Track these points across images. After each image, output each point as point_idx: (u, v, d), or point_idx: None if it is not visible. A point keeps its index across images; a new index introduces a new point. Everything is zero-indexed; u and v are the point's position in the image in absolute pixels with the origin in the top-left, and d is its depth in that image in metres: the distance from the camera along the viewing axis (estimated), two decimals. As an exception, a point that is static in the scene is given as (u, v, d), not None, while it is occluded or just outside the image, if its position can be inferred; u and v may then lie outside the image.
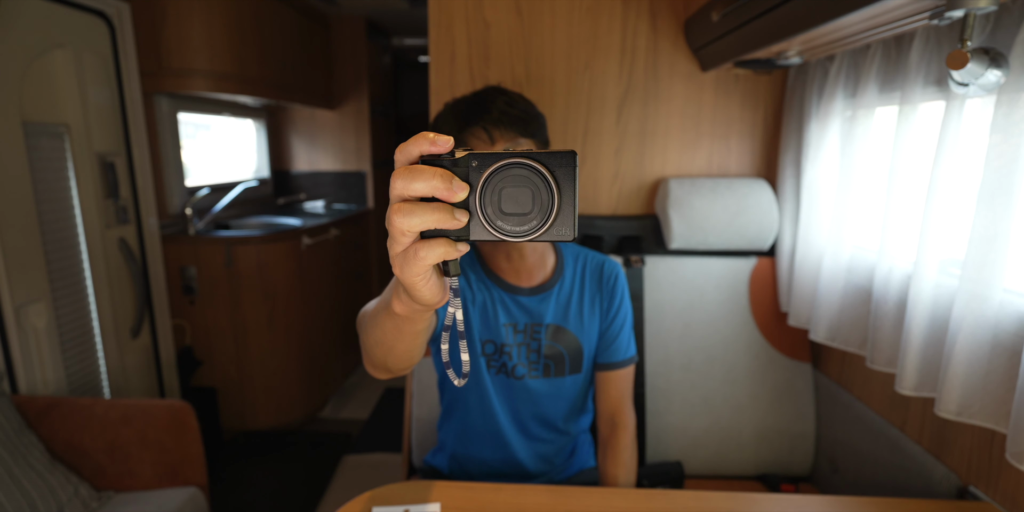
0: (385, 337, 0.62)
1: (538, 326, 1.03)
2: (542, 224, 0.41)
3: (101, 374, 1.85)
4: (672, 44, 1.46)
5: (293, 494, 2.07)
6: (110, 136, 1.87)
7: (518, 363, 1.03)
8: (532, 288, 1.04)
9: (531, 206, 0.41)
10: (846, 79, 1.16)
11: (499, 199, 0.42)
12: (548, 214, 0.41)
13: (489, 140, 0.93)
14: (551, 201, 0.41)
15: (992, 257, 0.79)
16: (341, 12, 3.25)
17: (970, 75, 0.74)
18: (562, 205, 0.41)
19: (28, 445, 1.27)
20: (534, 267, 1.04)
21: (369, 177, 3.48)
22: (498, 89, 1.00)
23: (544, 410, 1.06)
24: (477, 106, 0.95)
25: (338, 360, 2.98)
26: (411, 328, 0.58)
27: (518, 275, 1.04)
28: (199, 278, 2.29)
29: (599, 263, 1.09)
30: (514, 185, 0.41)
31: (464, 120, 0.94)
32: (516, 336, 1.03)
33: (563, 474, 1.13)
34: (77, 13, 1.74)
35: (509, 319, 1.03)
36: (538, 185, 0.41)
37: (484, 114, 0.93)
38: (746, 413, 1.39)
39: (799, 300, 1.30)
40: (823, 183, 1.25)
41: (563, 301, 1.05)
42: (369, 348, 0.69)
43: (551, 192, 0.41)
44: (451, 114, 0.97)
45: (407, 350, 0.64)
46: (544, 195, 0.41)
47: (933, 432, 1.03)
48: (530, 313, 1.04)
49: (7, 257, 1.47)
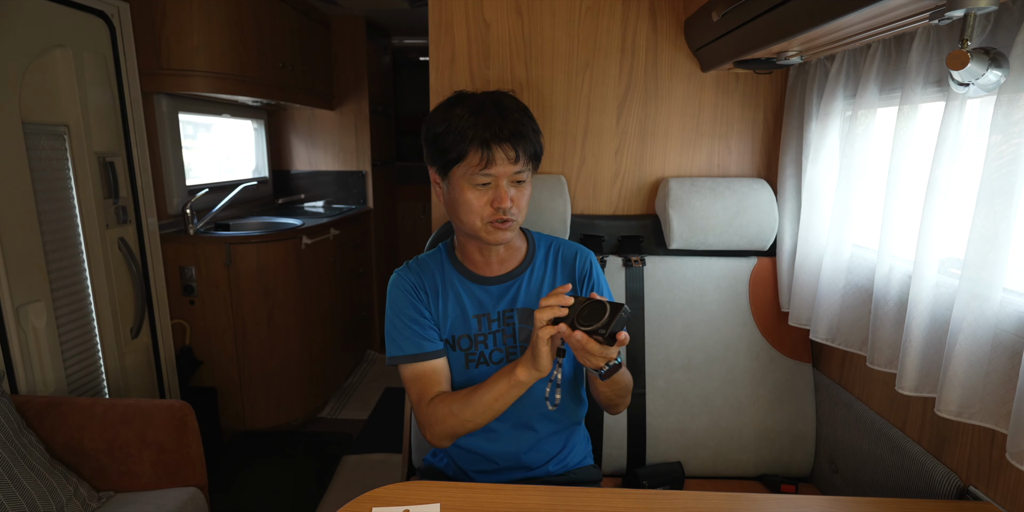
0: (497, 402, 0.92)
1: (510, 311, 1.05)
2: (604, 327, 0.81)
3: (101, 374, 1.85)
4: (672, 44, 1.46)
5: (293, 494, 2.07)
6: (110, 136, 1.87)
7: (494, 349, 1.05)
8: (501, 276, 1.07)
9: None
10: (846, 79, 1.16)
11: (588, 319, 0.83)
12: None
13: (513, 159, 0.94)
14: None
15: (992, 257, 0.79)
16: (341, 12, 3.24)
17: (970, 75, 0.73)
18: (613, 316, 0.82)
19: (28, 445, 1.27)
20: (505, 257, 1.07)
21: (369, 177, 3.48)
22: (517, 101, 0.99)
23: (530, 395, 1.06)
24: (505, 120, 0.93)
25: (338, 360, 2.97)
26: (519, 392, 0.92)
27: (489, 266, 1.07)
28: (199, 278, 2.29)
29: (572, 250, 1.11)
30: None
31: (495, 133, 0.92)
32: (490, 324, 1.05)
33: (561, 466, 1.12)
34: (77, 13, 1.74)
35: (478, 310, 1.06)
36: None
37: (516, 131, 0.93)
38: (746, 413, 1.39)
39: (799, 300, 1.30)
40: (823, 183, 1.25)
41: (535, 286, 1.07)
42: (471, 420, 0.94)
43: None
44: (472, 118, 0.94)
45: (501, 410, 0.94)
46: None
47: (933, 432, 1.03)
48: (500, 299, 1.06)
49: (7, 257, 1.46)
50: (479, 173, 0.94)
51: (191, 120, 2.71)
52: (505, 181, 0.95)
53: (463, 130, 0.93)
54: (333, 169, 3.49)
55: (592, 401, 1.20)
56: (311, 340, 2.64)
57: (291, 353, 2.50)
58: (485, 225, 0.97)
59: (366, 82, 3.36)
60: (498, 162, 0.93)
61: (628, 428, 1.38)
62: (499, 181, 0.95)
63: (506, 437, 1.08)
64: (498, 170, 0.94)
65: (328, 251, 2.83)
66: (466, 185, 0.95)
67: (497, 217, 0.96)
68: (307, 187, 3.51)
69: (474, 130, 0.92)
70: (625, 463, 1.39)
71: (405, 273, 1.07)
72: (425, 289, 1.06)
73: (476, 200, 0.95)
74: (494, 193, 0.95)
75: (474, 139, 0.92)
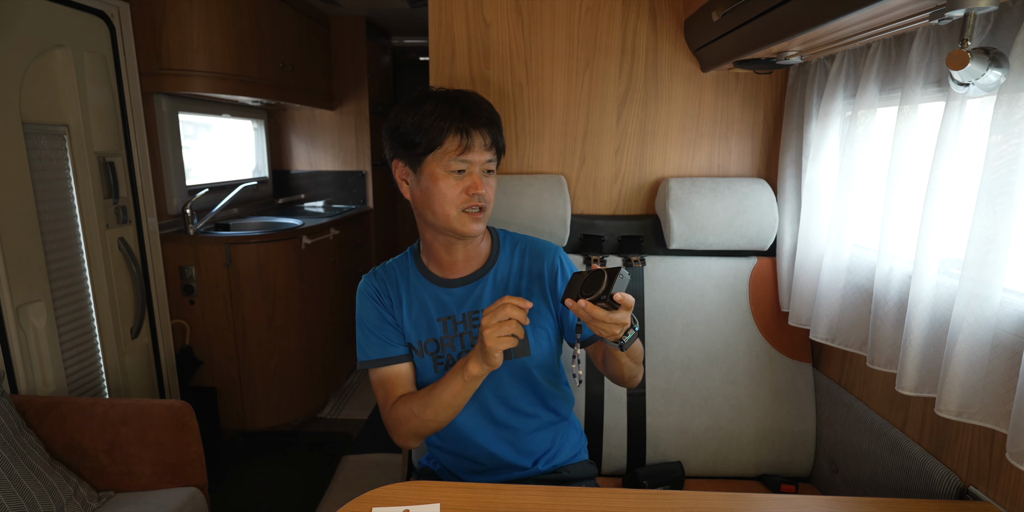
0: (455, 399, 0.93)
1: (475, 313, 1.05)
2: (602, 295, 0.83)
3: (101, 374, 1.85)
4: (672, 44, 1.46)
5: (293, 494, 2.07)
6: (110, 136, 1.87)
7: (461, 351, 1.05)
8: (464, 277, 1.07)
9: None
10: (846, 79, 1.16)
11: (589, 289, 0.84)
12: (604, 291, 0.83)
13: (487, 144, 0.98)
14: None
15: (992, 257, 0.79)
16: (341, 12, 3.25)
17: (970, 75, 0.73)
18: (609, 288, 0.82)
19: (28, 445, 1.27)
20: (470, 257, 1.07)
21: (369, 177, 3.48)
22: (481, 96, 1.03)
23: (503, 393, 1.07)
24: (478, 108, 0.98)
25: (338, 360, 2.97)
26: (475, 386, 0.93)
27: (454, 267, 1.07)
28: (199, 278, 2.29)
29: (540, 248, 1.10)
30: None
31: (471, 119, 0.96)
32: (456, 327, 1.05)
33: (550, 465, 1.12)
34: (77, 13, 1.74)
35: (443, 312, 1.06)
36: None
37: (489, 118, 0.98)
38: (746, 413, 1.39)
39: (799, 300, 1.30)
40: (823, 183, 1.25)
41: (500, 285, 1.07)
42: (432, 419, 0.95)
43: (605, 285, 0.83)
44: (446, 107, 0.96)
45: (460, 406, 0.95)
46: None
47: (933, 432, 1.03)
48: (464, 302, 1.06)
49: (7, 257, 1.47)
50: (456, 159, 0.95)
51: (191, 120, 2.70)
52: (478, 169, 0.97)
53: (439, 118, 0.95)
54: (333, 169, 3.49)
55: (591, 401, 1.20)
56: (311, 340, 2.64)
57: (291, 353, 2.50)
58: (459, 215, 0.97)
59: (366, 82, 3.36)
60: (476, 148, 0.95)
61: (628, 428, 1.38)
62: (474, 168, 0.97)
63: (478, 437, 1.07)
64: (474, 156, 0.96)
65: (328, 251, 2.83)
66: (441, 173, 0.96)
67: (472, 204, 0.97)
68: (307, 187, 3.51)
69: (450, 118, 0.95)
70: (625, 463, 1.39)
71: (371, 279, 1.09)
72: (389, 295, 1.07)
73: (450, 189, 0.96)
74: (469, 180, 0.97)
75: (451, 125, 0.95)
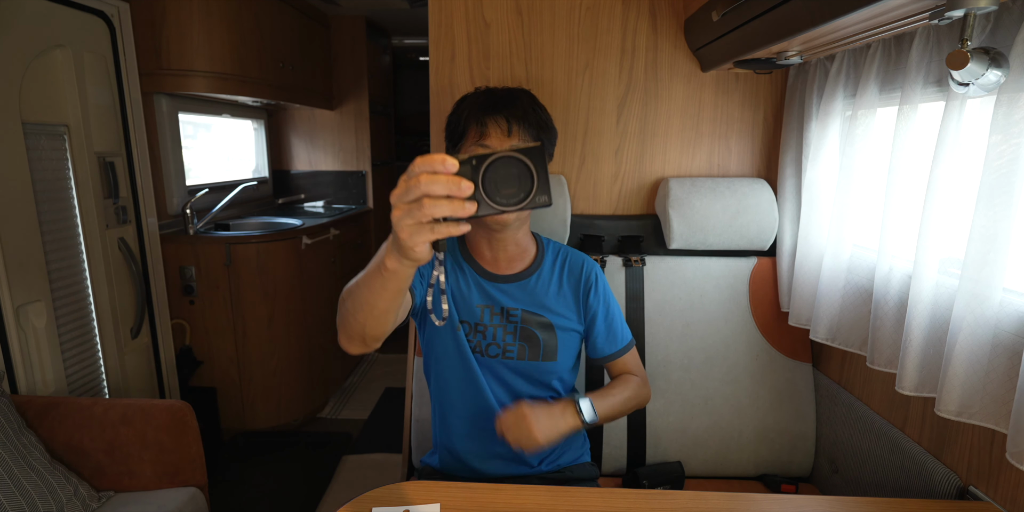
0: (371, 296, 0.72)
1: (514, 310, 1.07)
2: (526, 197, 0.58)
3: (101, 374, 1.85)
4: (672, 44, 1.46)
5: (293, 494, 2.07)
6: (110, 136, 1.87)
7: (492, 343, 1.06)
8: (509, 275, 1.08)
9: (517, 186, 0.58)
10: (846, 79, 1.16)
11: (495, 185, 0.58)
12: (530, 190, 0.58)
13: (507, 131, 0.98)
14: (532, 181, 0.58)
15: (992, 257, 0.79)
16: (341, 12, 3.25)
17: (970, 75, 0.73)
18: (539, 183, 0.58)
19: (28, 445, 1.27)
20: (513, 257, 1.09)
21: (369, 177, 3.48)
22: (529, 92, 1.07)
23: (520, 392, 1.08)
24: (506, 99, 1.01)
25: (338, 360, 2.97)
26: (395, 285, 0.69)
27: (497, 263, 1.08)
28: (199, 278, 2.29)
29: (579, 259, 1.13)
30: (505, 173, 0.58)
31: (490, 107, 0.99)
32: (493, 318, 1.06)
33: (553, 465, 1.13)
34: (77, 13, 1.74)
35: (485, 301, 1.07)
36: (521, 172, 0.58)
37: (511, 106, 0.99)
38: (746, 413, 1.39)
39: (799, 300, 1.30)
40: (823, 183, 1.25)
41: (540, 290, 1.08)
42: (352, 313, 0.77)
43: (532, 176, 0.58)
44: (475, 99, 1.02)
45: (386, 310, 0.75)
46: (525, 178, 0.58)
47: (933, 432, 1.03)
48: (505, 298, 1.07)
49: (7, 257, 1.46)
50: (476, 145, 0.98)
51: (191, 120, 2.70)
52: None
53: (464, 110, 1.01)
54: (333, 169, 3.49)
55: None
56: (311, 340, 2.64)
57: (291, 353, 2.50)
58: None
59: (366, 82, 3.36)
60: (492, 134, 0.97)
61: (628, 428, 1.38)
62: None
63: (483, 440, 1.08)
64: (492, 142, 0.98)
65: (328, 251, 2.83)
66: None
67: None
68: (307, 187, 3.51)
69: (472, 108, 1.00)
70: (625, 463, 1.39)
71: None
72: (443, 260, 1.05)
73: None
74: None
75: (471, 115, 0.99)
